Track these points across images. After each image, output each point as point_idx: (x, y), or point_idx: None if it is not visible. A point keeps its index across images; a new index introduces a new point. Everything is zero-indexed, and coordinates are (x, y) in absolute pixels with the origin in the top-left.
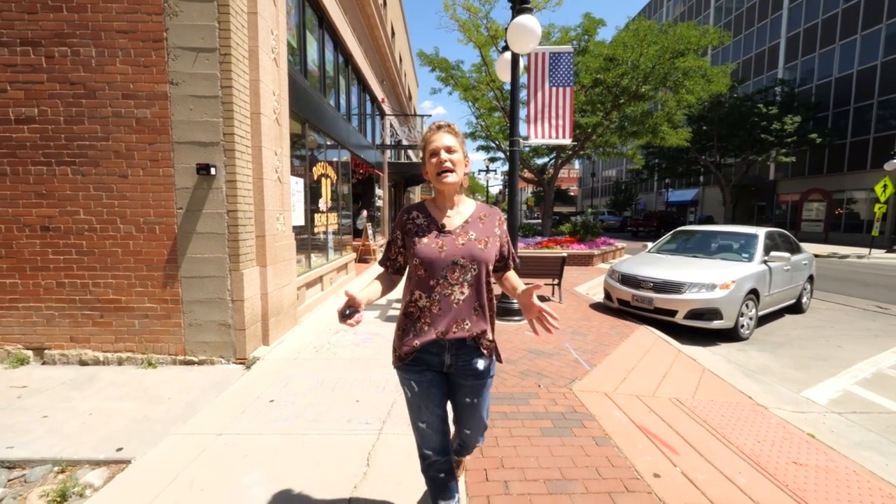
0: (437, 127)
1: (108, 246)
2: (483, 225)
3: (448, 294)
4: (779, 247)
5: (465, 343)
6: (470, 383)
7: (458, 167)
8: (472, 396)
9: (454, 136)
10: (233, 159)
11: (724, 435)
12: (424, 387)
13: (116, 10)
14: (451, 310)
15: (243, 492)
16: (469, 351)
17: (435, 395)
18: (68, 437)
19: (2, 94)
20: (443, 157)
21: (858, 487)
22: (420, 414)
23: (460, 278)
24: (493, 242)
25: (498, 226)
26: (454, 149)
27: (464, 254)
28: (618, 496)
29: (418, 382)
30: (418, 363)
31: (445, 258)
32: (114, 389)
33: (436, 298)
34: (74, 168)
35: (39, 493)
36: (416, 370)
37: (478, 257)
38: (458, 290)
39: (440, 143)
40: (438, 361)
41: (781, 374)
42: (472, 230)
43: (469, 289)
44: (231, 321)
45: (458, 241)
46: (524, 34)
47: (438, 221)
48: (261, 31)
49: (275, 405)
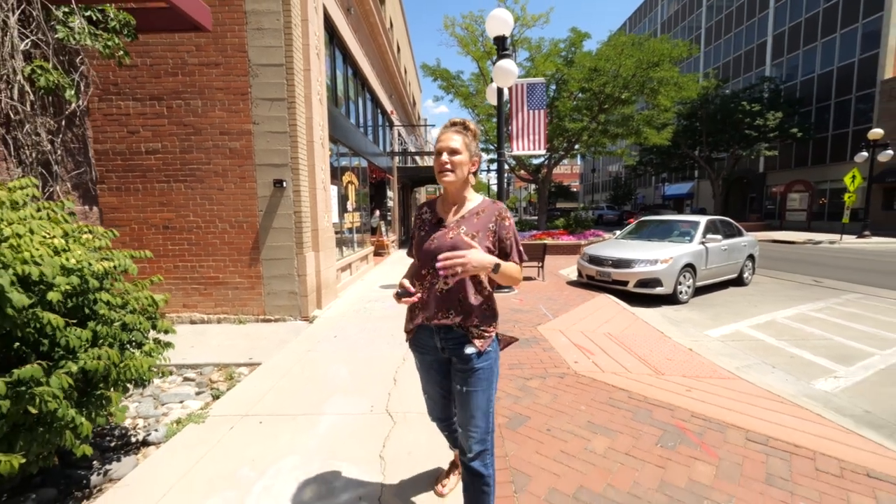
0: (450, 124)
1: (210, 239)
2: (478, 220)
3: (434, 283)
4: (718, 231)
5: (452, 329)
6: (459, 368)
7: (460, 168)
8: (463, 384)
9: (463, 135)
10: (297, 175)
11: (630, 347)
12: (425, 366)
13: (216, 74)
14: (436, 298)
15: (333, 376)
16: (457, 337)
17: (434, 376)
18: (215, 354)
19: (137, 133)
20: (443, 160)
21: (699, 367)
22: (424, 385)
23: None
24: (483, 236)
25: (496, 221)
26: (458, 150)
27: (450, 247)
28: (550, 369)
29: (420, 361)
30: (419, 344)
31: (434, 250)
32: (224, 336)
33: (425, 286)
34: (186, 184)
35: (214, 377)
36: (418, 350)
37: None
38: (443, 281)
39: (445, 143)
40: (432, 344)
41: (699, 323)
42: (465, 224)
43: (452, 279)
44: (297, 290)
45: (449, 234)
46: (505, 74)
47: (440, 216)
48: (313, 82)
49: (338, 339)
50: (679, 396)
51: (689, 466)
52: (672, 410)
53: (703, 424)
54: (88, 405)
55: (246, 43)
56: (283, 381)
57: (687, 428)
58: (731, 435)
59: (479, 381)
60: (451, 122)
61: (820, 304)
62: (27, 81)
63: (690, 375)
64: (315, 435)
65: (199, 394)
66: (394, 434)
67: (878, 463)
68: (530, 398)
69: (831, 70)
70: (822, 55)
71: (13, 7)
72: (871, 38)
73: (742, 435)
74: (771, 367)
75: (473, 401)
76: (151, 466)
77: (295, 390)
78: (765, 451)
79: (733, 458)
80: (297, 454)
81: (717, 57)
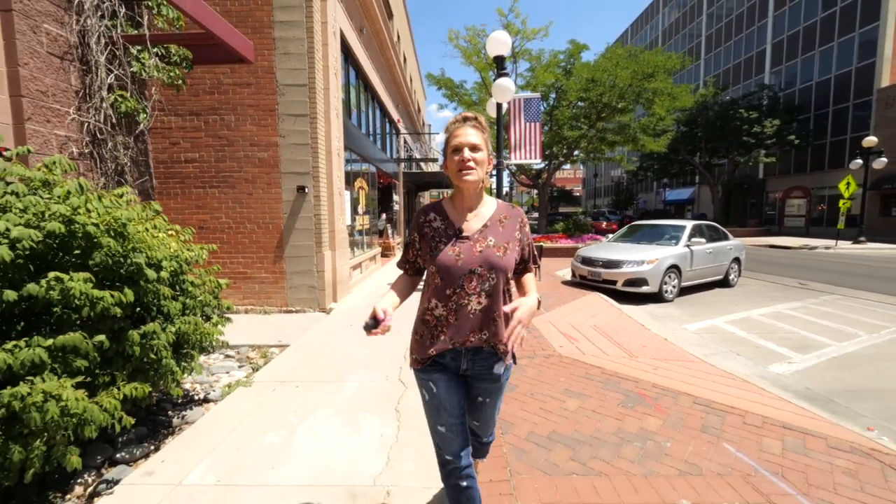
0: (462, 119)
1: (240, 238)
2: (503, 228)
3: (465, 304)
4: (704, 235)
5: (482, 350)
6: (486, 386)
7: (481, 166)
8: (486, 396)
9: (480, 131)
10: (317, 182)
11: (611, 336)
12: (442, 387)
13: (247, 93)
14: (468, 320)
15: (352, 355)
16: (486, 356)
17: (453, 397)
18: (249, 338)
19: (177, 145)
20: (465, 156)
21: (670, 353)
22: (439, 417)
23: (477, 288)
24: (512, 248)
25: (519, 228)
26: (479, 147)
27: (481, 262)
28: (538, 351)
29: (436, 382)
30: (436, 368)
31: (462, 266)
32: (252, 324)
33: (452, 308)
34: (219, 190)
35: (251, 355)
36: (434, 370)
37: (496, 265)
38: (476, 299)
39: (464, 139)
40: (455, 365)
41: (679, 318)
42: (491, 235)
43: (487, 298)
44: (316, 284)
45: (476, 247)
46: (503, 90)
47: (456, 225)
48: (332, 99)
49: (353, 327)
50: (646, 373)
51: (641, 420)
52: (637, 383)
53: (661, 392)
54: (179, 359)
55: (274, 66)
56: (310, 358)
57: (646, 394)
58: (681, 400)
59: (501, 389)
60: (463, 118)
61: (797, 303)
62: (111, 108)
63: (660, 359)
64: (342, 396)
65: (241, 367)
66: (406, 396)
67: (795, 419)
68: (519, 372)
69: (829, 78)
70: (819, 63)
71: (102, 49)
72: (868, 46)
73: (691, 400)
74: (735, 354)
75: (493, 407)
76: (216, 414)
77: (321, 365)
78: (706, 411)
79: (679, 415)
80: (330, 408)
81: (718, 64)
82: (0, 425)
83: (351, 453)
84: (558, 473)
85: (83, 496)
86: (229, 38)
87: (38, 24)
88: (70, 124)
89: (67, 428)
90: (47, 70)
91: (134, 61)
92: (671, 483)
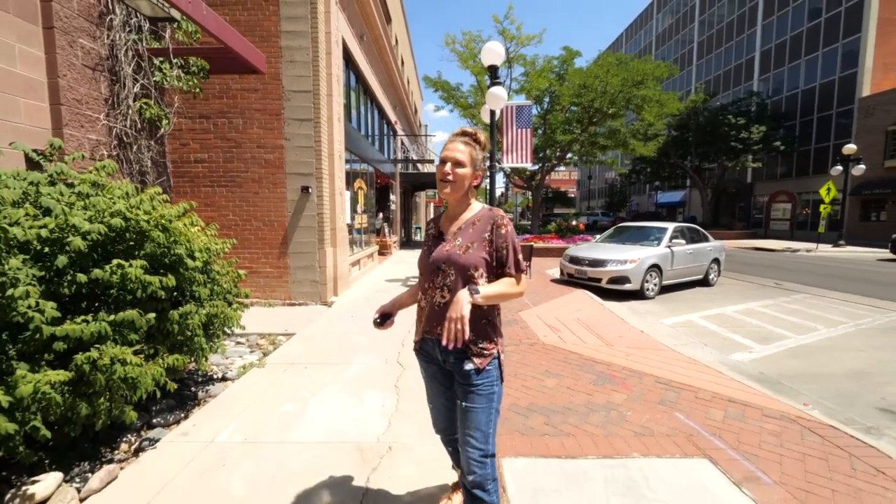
0: (461, 133)
1: (246, 235)
2: (473, 230)
3: (433, 297)
4: (685, 237)
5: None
6: (460, 383)
7: (461, 181)
8: (463, 399)
9: (471, 147)
10: (320, 183)
11: (592, 328)
12: (428, 377)
13: (255, 98)
14: (435, 312)
15: (354, 342)
16: (455, 352)
17: (437, 386)
18: (257, 327)
19: (187, 146)
20: (445, 170)
21: (643, 342)
22: (428, 394)
23: (441, 282)
24: (478, 247)
25: (492, 230)
26: (463, 162)
27: (444, 259)
28: (523, 340)
29: (424, 370)
30: (424, 353)
31: (431, 263)
32: (259, 315)
33: (428, 300)
34: (227, 189)
35: (261, 342)
36: (423, 360)
37: (455, 262)
38: (440, 293)
39: (450, 154)
40: (435, 356)
41: (658, 314)
42: (461, 236)
43: (449, 293)
44: (318, 279)
45: (445, 246)
46: (496, 98)
47: (442, 230)
48: (334, 105)
49: (353, 318)
50: (618, 359)
51: (609, 395)
52: (609, 366)
53: (629, 374)
54: (207, 338)
55: (280, 73)
56: (316, 345)
57: (616, 375)
58: (645, 379)
59: (477, 398)
60: (461, 132)
61: (770, 301)
62: (137, 114)
63: (633, 347)
64: (347, 375)
65: (252, 352)
66: (403, 375)
67: (740, 395)
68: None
69: (814, 87)
70: (805, 72)
71: (129, 61)
72: (851, 57)
73: (653, 380)
74: (703, 345)
75: (472, 418)
76: (236, 390)
77: (326, 350)
78: (665, 388)
79: (641, 391)
80: (337, 384)
81: (709, 70)
82: (70, 385)
83: (357, 419)
84: (533, 434)
85: (129, 451)
86: (245, 51)
87: (75, 39)
88: (100, 129)
89: (125, 389)
90: (82, 80)
91: (156, 71)
92: (626, 441)
